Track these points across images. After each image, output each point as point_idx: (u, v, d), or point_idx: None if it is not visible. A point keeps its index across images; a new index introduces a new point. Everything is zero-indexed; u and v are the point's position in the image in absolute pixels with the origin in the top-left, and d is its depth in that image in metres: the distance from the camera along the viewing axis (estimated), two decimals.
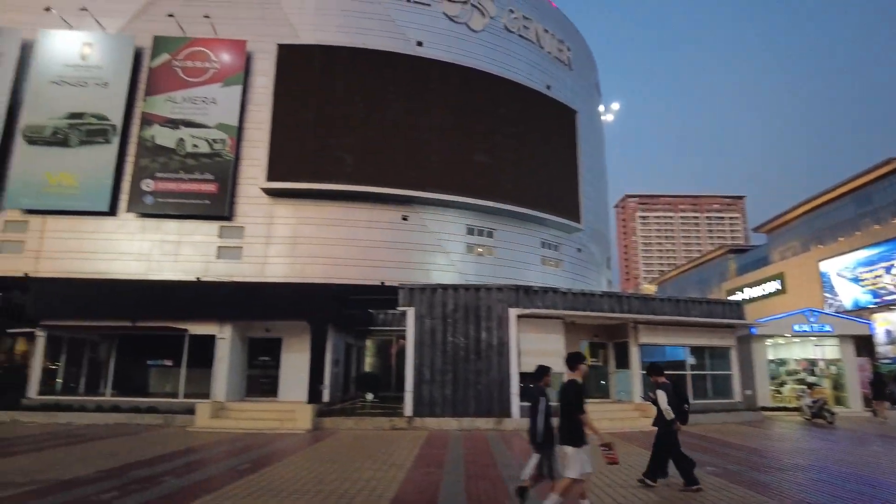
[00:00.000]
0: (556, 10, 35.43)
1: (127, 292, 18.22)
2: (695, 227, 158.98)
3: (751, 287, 77.11)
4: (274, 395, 18.03)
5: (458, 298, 16.57)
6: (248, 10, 27.93)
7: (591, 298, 18.02)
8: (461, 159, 27.55)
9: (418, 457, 11.00)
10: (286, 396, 17.76)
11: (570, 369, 6.62)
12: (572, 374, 6.60)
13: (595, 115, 39.09)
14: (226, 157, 25.56)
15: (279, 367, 18.18)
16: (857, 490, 8.23)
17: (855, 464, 10.73)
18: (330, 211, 25.71)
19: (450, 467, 9.94)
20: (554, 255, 31.04)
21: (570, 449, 6.13)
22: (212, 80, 26.39)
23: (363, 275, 24.89)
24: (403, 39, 28.52)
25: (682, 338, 19.49)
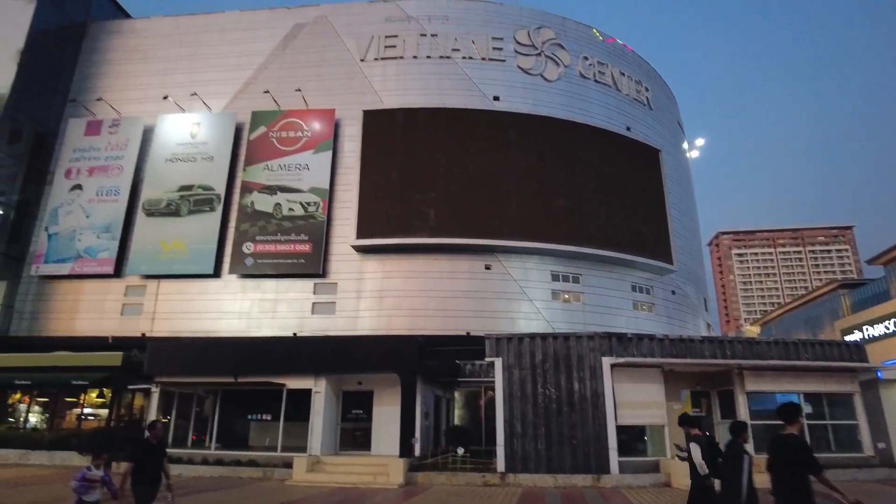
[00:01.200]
0: (630, 53, 35.33)
1: (229, 349, 19.44)
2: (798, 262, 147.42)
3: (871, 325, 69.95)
4: (367, 448, 18.27)
5: (546, 348, 16.24)
6: (335, 81, 30.06)
7: (690, 344, 17.05)
8: (542, 205, 27.54)
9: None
10: (379, 450, 17.94)
11: (788, 423, 5.85)
12: (790, 427, 5.85)
13: (679, 152, 37.98)
14: (318, 219, 27.08)
15: (371, 421, 18.48)
16: None
17: None
18: (415, 264, 26.38)
19: None
20: (646, 298, 29.83)
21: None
22: (304, 148, 28.36)
23: (448, 325, 25.09)
24: (480, 95, 29.45)
25: (793, 384, 17.87)
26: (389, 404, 17.84)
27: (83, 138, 29.90)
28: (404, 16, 31.03)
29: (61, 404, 23.52)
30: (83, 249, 27.68)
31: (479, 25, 31.03)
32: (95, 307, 27.31)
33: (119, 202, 28.33)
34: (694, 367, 17.35)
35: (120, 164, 29.08)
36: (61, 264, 27.60)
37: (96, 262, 27.40)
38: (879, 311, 72.42)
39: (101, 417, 22.83)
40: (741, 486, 6.05)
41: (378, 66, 30.26)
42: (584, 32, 33.24)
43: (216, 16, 33.23)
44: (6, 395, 23.86)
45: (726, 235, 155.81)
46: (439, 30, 30.64)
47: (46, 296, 27.95)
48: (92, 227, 28.02)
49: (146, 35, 32.91)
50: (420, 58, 30.22)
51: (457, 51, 30.23)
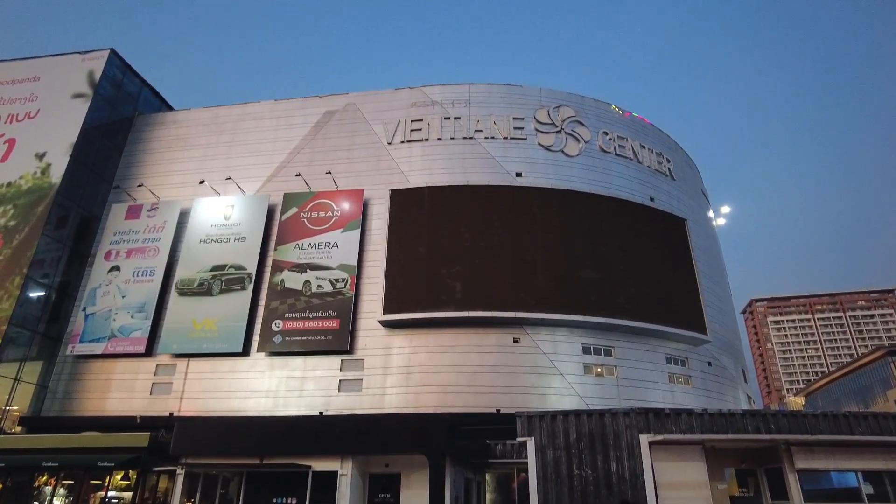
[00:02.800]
0: (650, 126, 36.15)
1: (255, 428, 19.19)
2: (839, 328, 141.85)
3: None
4: None
5: (580, 426, 15.64)
6: (364, 163, 31.32)
7: (732, 419, 16.23)
8: (569, 277, 27.43)
9: None
10: None
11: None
12: None
13: (706, 220, 37.86)
14: (346, 295, 27.38)
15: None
16: None
17: None
18: (441, 338, 26.21)
19: None
20: (682, 371, 28.83)
21: None
22: (334, 227, 29.17)
23: (477, 402, 24.52)
24: (503, 172, 30.24)
25: (850, 461, 16.71)
26: (418, 487, 17.19)
27: (123, 222, 31.35)
28: (429, 101, 32.57)
29: (86, 487, 23.24)
30: (117, 329, 28.33)
31: (501, 107, 32.35)
32: (126, 386, 27.55)
33: (154, 282, 29.21)
34: (737, 444, 16.44)
35: (156, 246, 30.22)
36: (96, 344, 28.20)
37: (129, 341, 27.93)
38: None
39: (125, 501, 22.46)
40: None
41: (404, 148, 31.51)
42: (603, 109, 34.30)
43: (252, 105, 35.39)
44: (33, 477, 23.75)
45: (760, 303, 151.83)
46: (462, 112, 32.01)
47: (80, 375, 28.38)
48: (127, 306, 28.80)
49: (187, 125, 35.11)
50: (444, 139, 31.42)
51: (479, 131, 31.41)
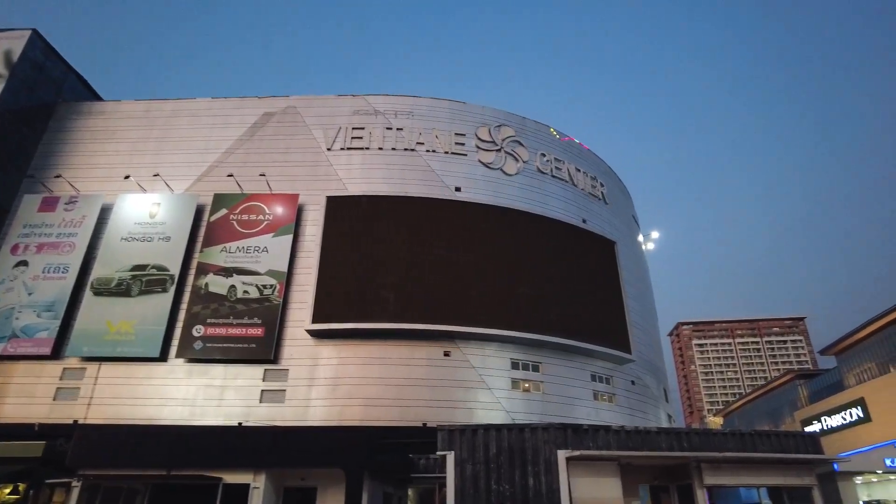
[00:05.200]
0: (586, 151, 37.31)
1: (165, 438, 18.15)
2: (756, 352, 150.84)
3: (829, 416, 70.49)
4: None
5: (501, 440, 15.66)
6: (301, 168, 30.63)
7: (647, 436, 16.72)
8: (502, 293, 27.69)
9: None
10: None
11: None
12: None
13: (635, 244, 39.30)
14: (274, 302, 26.52)
15: None
16: None
17: None
18: (371, 350, 25.76)
19: None
20: (606, 388, 29.58)
21: None
22: (265, 231, 28.27)
23: (403, 415, 24.17)
24: (442, 186, 30.32)
25: (753, 477, 17.55)
26: (334, 502, 16.69)
27: (36, 214, 29.21)
28: (372, 110, 32.35)
29: None
30: (20, 328, 26.22)
31: (443, 122, 32.53)
32: (26, 391, 25.42)
33: (66, 280, 27.29)
34: (651, 461, 16.93)
35: (72, 242, 28.31)
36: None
37: (32, 343, 25.88)
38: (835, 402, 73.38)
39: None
40: None
41: (344, 155, 31.08)
42: (542, 131, 35.13)
43: (187, 102, 34.00)
44: None
45: (686, 326, 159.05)
46: (405, 124, 31.96)
47: None
48: (33, 305, 26.74)
49: (115, 117, 33.29)
50: (385, 149, 31.23)
51: (421, 144, 31.43)
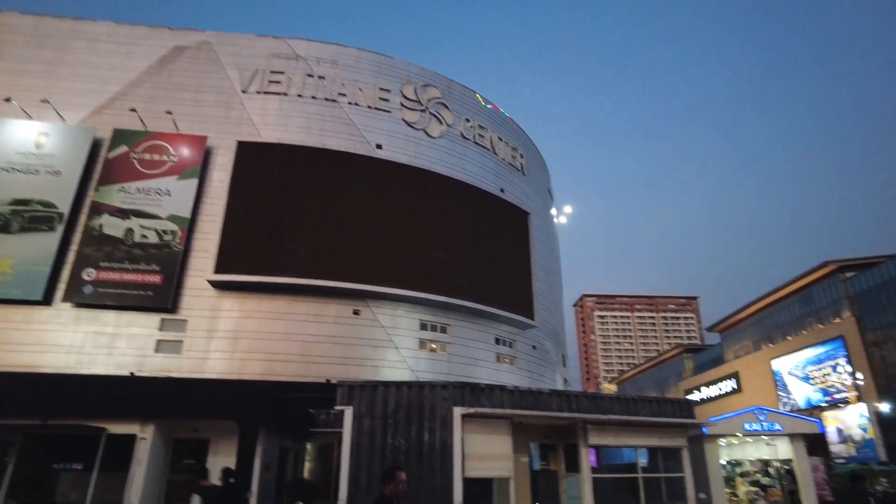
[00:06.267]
0: (509, 121, 37.68)
1: (43, 386, 16.89)
2: (651, 326, 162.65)
3: (707, 386, 77.90)
4: None
5: (400, 397, 15.88)
6: (212, 108, 28.78)
7: (539, 397, 17.56)
8: (416, 255, 27.77)
9: None
10: None
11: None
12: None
13: (548, 217, 40.55)
14: (174, 249, 25.13)
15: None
16: None
17: None
18: (277, 304, 25.17)
19: None
20: (508, 352, 30.75)
21: None
22: (168, 173, 26.51)
23: (308, 371, 23.99)
24: (363, 142, 29.61)
25: (633, 438, 18.97)
26: (227, 454, 16.27)
27: None
28: (293, 54, 30.79)
29: None
30: None
31: (368, 74, 31.56)
32: None
33: None
34: (542, 420, 17.85)
35: None
36: None
37: None
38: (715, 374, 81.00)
39: None
40: None
41: (259, 99, 29.51)
42: (469, 96, 35.01)
43: (87, 23, 30.78)
44: None
45: (590, 298, 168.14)
46: (327, 73, 30.71)
47: None
48: None
49: None
50: (305, 97, 29.94)
51: (343, 95, 30.39)
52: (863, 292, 56.85)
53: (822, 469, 26.18)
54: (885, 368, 53.51)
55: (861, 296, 56.99)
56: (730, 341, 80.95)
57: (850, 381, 54.43)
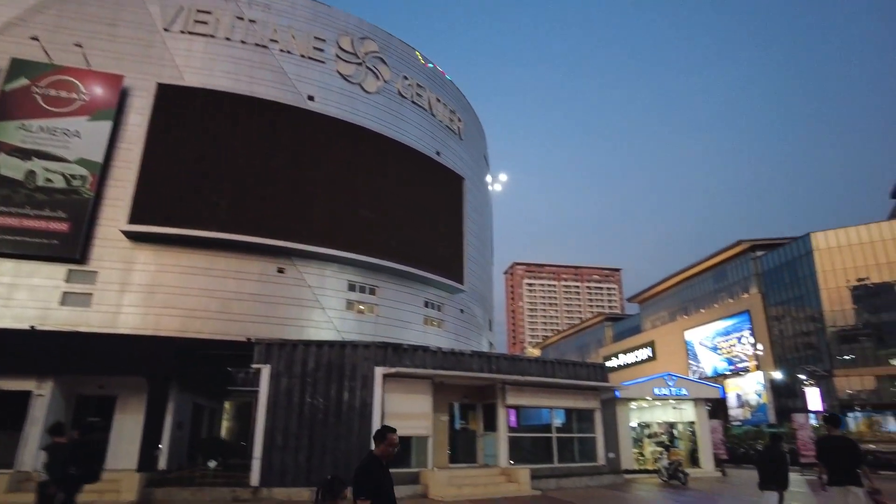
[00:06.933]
0: (449, 83, 37.08)
1: None
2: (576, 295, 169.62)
3: (625, 353, 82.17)
4: None
5: (321, 356, 15.68)
6: (130, 46, 26.50)
7: (461, 358, 17.86)
8: (346, 214, 27.13)
9: None
10: (116, 463, 15.51)
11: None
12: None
13: (483, 184, 40.65)
14: (84, 195, 23.31)
15: (110, 430, 15.99)
16: None
17: None
18: (196, 259, 23.98)
19: None
20: (436, 315, 30.98)
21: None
22: (77, 113, 24.35)
23: (228, 329, 23.14)
24: (294, 92, 28.27)
25: (549, 399, 19.73)
26: (135, 412, 15.68)
27: None
28: None
29: None
30: None
31: (303, 22, 29.96)
32: None
33: None
34: (462, 380, 18.19)
35: None
36: None
37: None
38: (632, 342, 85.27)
39: None
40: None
41: (183, 39, 27.42)
42: (408, 53, 34.06)
43: None
44: None
45: (520, 266, 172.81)
46: (259, 16, 28.89)
47: None
48: None
49: None
50: (233, 41, 28.08)
51: (275, 42, 28.74)
52: (768, 270, 61.18)
53: (720, 431, 28.29)
54: (782, 341, 58.27)
55: (767, 274, 61.33)
56: (648, 312, 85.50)
57: (752, 351, 58.95)
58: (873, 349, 50.55)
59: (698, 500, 15.26)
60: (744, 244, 65.02)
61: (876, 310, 51.03)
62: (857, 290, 52.03)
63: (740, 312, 62.07)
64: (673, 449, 22.53)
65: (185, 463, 16.67)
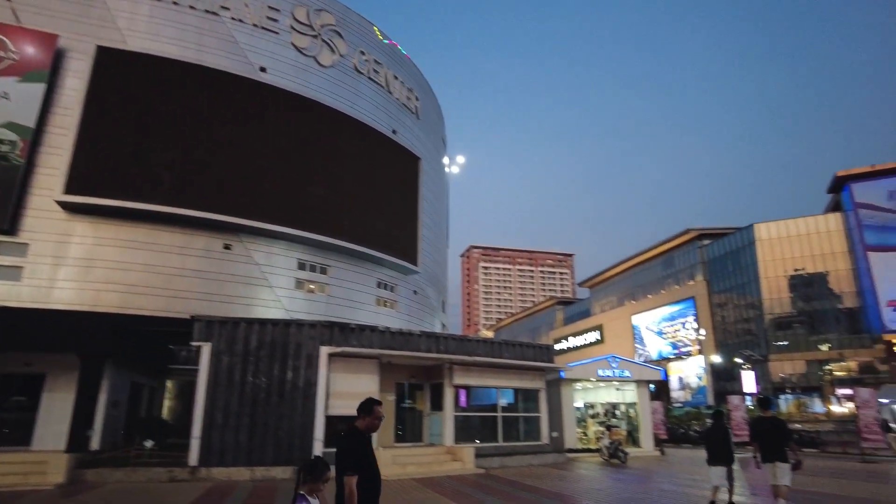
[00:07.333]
0: (407, 61, 36.52)
1: None
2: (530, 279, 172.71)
3: (575, 336, 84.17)
4: (27, 443, 15.02)
5: (264, 334, 15.36)
6: (66, 4, 24.87)
7: (409, 338, 17.83)
8: (297, 191, 26.51)
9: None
10: (44, 444, 14.90)
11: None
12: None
13: (439, 165, 40.43)
14: (13, 162, 21.91)
15: (38, 410, 15.27)
16: None
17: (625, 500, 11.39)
18: (138, 233, 23.00)
19: None
20: (389, 295, 30.83)
21: None
22: (6, 73, 22.76)
23: (171, 306, 22.37)
24: (246, 62, 27.25)
25: (495, 379, 19.98)
26: (66, 390, 15.01)
27: None
28: None
29: None
30: None
31: None
32: None
33: None
34: (410, 360, 18.20)
35: None
36: None
37: None
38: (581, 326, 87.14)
39: None
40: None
41: (127, 1, 25.96)
42: (366, 28, 33.29)
43: None
44: None
45: (477, 249, 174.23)
46: None
47: None
48: None
49: None
50: (181, 5, 26.74)
51: (226, 9, 27.54)
52: (713, 259, 63.50)
53: (661, 412, 29.35)
54: (724, 327, 60.81)
55: (712, 262, 63.64)
56: (598, 296, 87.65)
57: (695, 336, 61.34)
58: (805, 336, 53.38)
59: (634, 477, 15.81)
60: (691, 233, 67.21)
61: (809, 299, 53.79)
62: (794, 279, 54.66)
63: (686, 299, 64.37)
64: (614, 429, 23.23)
65: (120, 443, 16.12)
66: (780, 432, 8.76)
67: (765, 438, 8.79)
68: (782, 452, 8.60)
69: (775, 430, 8.77)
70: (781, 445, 8.65)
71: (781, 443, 8.67)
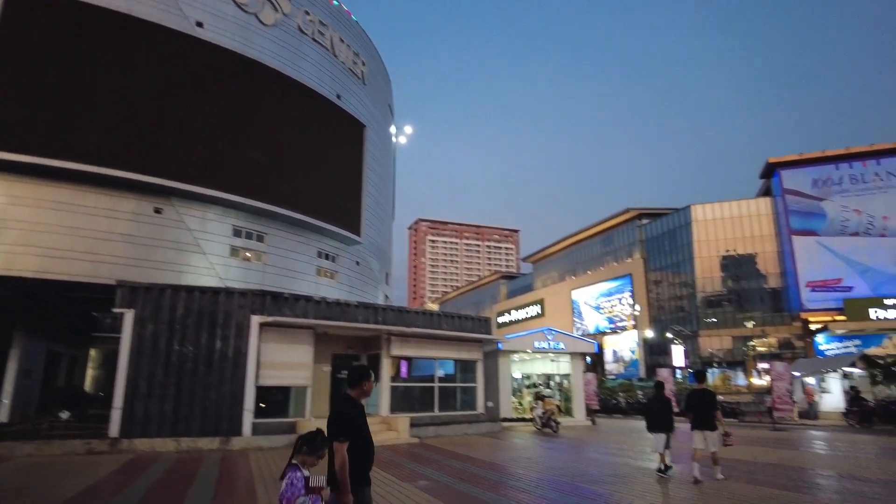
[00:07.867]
0: (354, 23, 35.38)
1: None
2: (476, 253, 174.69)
3: (517, 310, 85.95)
4: None
5: (191, 302, 14.77)
6: None
7: (346, 308, 17.61)
8: (234, 154, 25.46)
9: (91, 488, 9.20)
10: None
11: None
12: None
13: (386, 134, 39.73)
14: None
15: None
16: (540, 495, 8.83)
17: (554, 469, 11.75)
18: (61, 194, 21.54)
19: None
20: (330, 266, 30.36)
21: None
22: None
23: (97, 272, 21.20)
24: (181, 16, 25.61)
25: (433, 350, 20.10)
26: None
27: None
28: None
29: None
30: None
31: None
32: None
33: None
34: (347, 331, 18.01)
35: None
36: None
37: None
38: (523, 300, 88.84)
39: None
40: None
41: None
42: None
43: None
44: None
45: (424, 222, 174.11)
46: None
47: None
48: None
49: None
50: None
51: None
52: (651, 238, 65.75)
53: (594, 383, 30.38)
54: (658, 303, 63.39)
55: (650, 241, 65.91)
56: (540, 272, 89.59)
57: (630, 311, 63.74)
58: (733, 313, 56.40)
59: (565, 446, 16.35)
60: (631, 212, 69.29)
61: (738, 278, 56.73)
62: (726, 259, 57.42)
63: (623, 275, 66.64)
64: (547, 399, 23.90)
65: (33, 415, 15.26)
66: (710, 402, 9.74)
67: (698, 409, 9.75)
68: (711, 421, 9.63)
69: (706, 401, 9.74)
70: (711, 415, 9.64)
71: (711, 412, 9.65)
